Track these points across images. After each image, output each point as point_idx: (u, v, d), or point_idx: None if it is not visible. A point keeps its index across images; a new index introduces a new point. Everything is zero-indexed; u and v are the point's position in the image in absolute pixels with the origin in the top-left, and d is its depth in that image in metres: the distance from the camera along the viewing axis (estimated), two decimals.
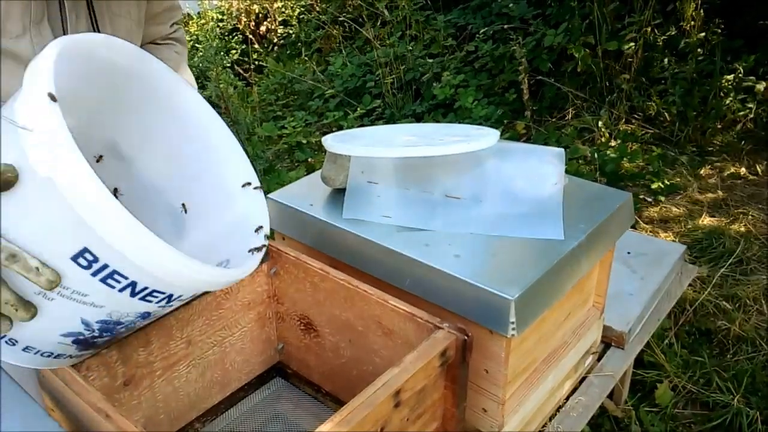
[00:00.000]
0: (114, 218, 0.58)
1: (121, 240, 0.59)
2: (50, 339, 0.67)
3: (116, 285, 0.63)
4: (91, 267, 0.61)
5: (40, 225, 0.60)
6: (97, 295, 0.64)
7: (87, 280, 0.62)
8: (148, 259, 0.61)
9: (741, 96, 2.87)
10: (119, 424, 0.68)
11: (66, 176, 0.57)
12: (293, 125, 3.07)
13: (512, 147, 1.14)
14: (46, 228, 0.60)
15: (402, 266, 0.95)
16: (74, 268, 0.61)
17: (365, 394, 0.72)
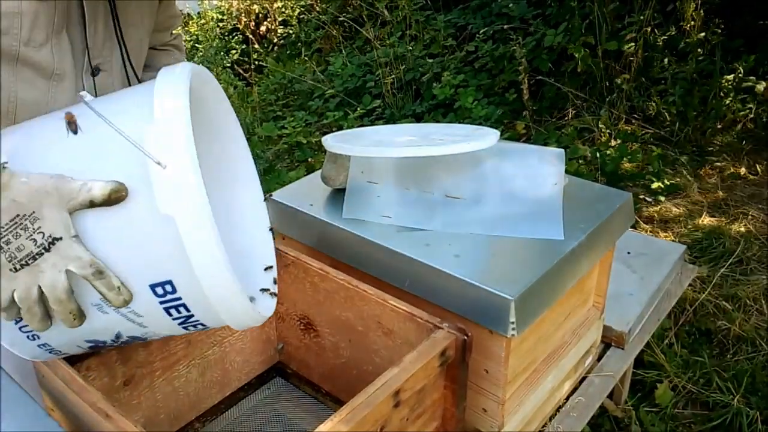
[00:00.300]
0: (217, 265, 0.60)
1: (212, 284, 0.62)
2: (73, 342, 0.68)
3: (175, 315, 0.65)
4: (165, 297, 0.63)
5: (135, 249, 0.62)
6: (150, 318, 0.66)
7: (152, 306, 0.64)
8: (225, 304, 0.64)
9: (741, 96, 2.87)
10: (119, 423, 0.68)
11: (189, 221, 0.59)
12: (293, 125, 3.08)
13: (512, 147, 1.14)
14: (139, 253, 0.62)
15: (402, 266, 0.95)
16: (148, 294, 0.63)
17: (365, 393, 0.72)
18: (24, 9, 0.73)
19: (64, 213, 0.59)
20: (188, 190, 0.59)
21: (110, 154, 0.62)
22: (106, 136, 0.62)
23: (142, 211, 0.60)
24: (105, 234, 0.61)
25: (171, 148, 0.59)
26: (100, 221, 0.60)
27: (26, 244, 0.58)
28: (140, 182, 0.60)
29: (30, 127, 0.67)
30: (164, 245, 0.61)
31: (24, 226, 0.58)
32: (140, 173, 0.59)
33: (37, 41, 0.76)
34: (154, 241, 0.61)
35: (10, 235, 0.58)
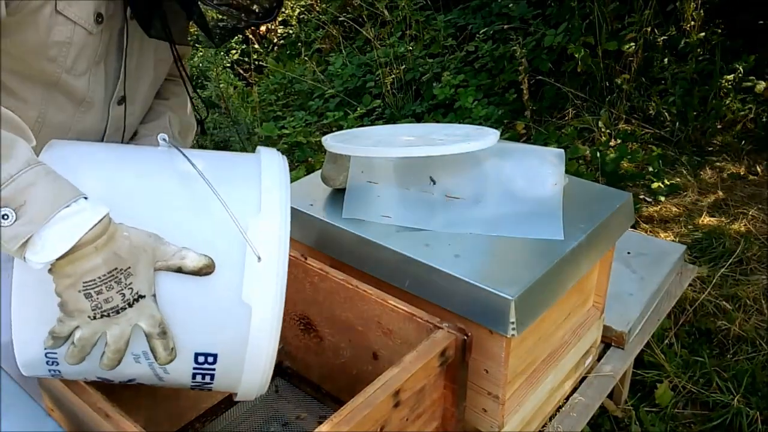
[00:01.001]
0: (267, 357, 0.66)
1: (254, 369, 0.67)
2: (85, 374, 0.69)
3: (198, 380, 0.69)
4: (202, 365, 0.67)
5: (200, 318, 0.65)
6: (173, 375, 0.69)
7: (185, 368, 0.67)
8: (250, 384, 0.69)
9: (741, 96, 2.87)
10: (119, 423, 0.68)
11: (263, 314, 0.64)
12: (293, 125, 3.08)
13: (512, 147, 1.14)
14: (202, 323, 0.65)
15: (402, 266, 0.95)
16: (189, 358, 0.66)
17: (365, 393, 0.72)
18: (75, 40, 0.75)
19: (152, 271, 0.62)
20: (273, 287, 0.65)
21: (209, 222, 0.66)
22: (207, 200, 0.66)
23: (221, 289, 0.65)
24: (178, 297, 0.64)
25: (269, 245, 0.65)
26: (177, 284, 0.63)
27: (115, 297, 0.60)
28: (230, 261, 0.64)
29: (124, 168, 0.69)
30: (229, 324, 0.65)
31: (118, 279, 0.60)
32: (234, 254, 0.64)
33: (78, 70, 0.78)
34: (221, 317, 0.65)
35: (103, 286, 0.59)
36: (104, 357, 0.62)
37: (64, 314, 0.60)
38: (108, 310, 0.60)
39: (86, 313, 0.60)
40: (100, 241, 0.59)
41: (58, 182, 0.59)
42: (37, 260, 0.56)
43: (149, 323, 0.62)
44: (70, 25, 0.74)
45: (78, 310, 0.59)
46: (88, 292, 0.59)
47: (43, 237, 0.56)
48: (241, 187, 0.69)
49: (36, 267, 0.57)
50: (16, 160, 0.57)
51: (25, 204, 0.56)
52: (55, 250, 0.56)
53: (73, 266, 0.58)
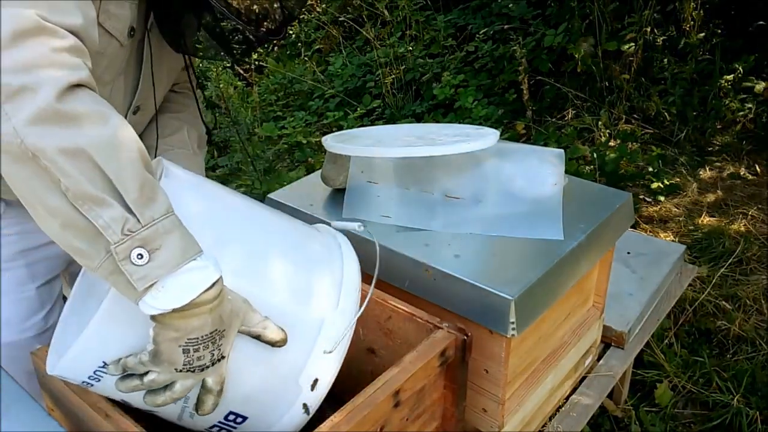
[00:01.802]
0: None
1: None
2: (114, 396, 0.70)
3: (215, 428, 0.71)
4: (228, 422, 0.69)
5: (250, 384, 0.68)
6: (198, 422, 0.70)
7: (210, 420, 0.69)
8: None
9: (741, 96, 2.87)
10: (119, 423, 0.68)
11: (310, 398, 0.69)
12: (293, 125, 3.08)
13: (512, 147, 1.14)
14: (250, 388, 0.68)
15: (402, 266, 0.95)
16: (219, 414, 0.68)
17: (365, 393, 0.72)
18: (108, 51, 0.76)
19: (235, 334, 0.63)
20: (327, 381, 0.70)
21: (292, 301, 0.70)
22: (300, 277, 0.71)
23: (280, 365, 0.68)
24: (243, 358, 0.66)
25: (338, 341, 0.70)
26: (248, 346, 0.65)
27: (206, 356, 0.61)
28: (302, 342, 0.68)
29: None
30: (275, 396, 0.68)
31: (214, 340, 0.61)
32: (308, 337, 0.69)
33: (104, 80, 0.79)
34: (271, 388, 0.68)
35: (201, 345, 0.60)
36: (158, 398, 0.62)
37: (150, 361, 0.60)
38: (196, 367, 0.61)
39: (175, 366, 0.60)
40: (215, 304, 0.59)
41: (188, 236, 0.59)
42: (156, 305, 0.56)
43: (216, 381, 0.63)
44: (107, 37, 0.75)
45: (169, 362, 0.60)
46: (187, 348, 0.59)
47: (167, 285, 0.56)
48: (326, 279, 0.73)
49: (148, 311, 0.57)
50: (160, 205, 0.57)
51: (160, 249, 0.56)
52: (177, 300, 0.56)
53: (185, 322, 0.58)
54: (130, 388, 0.62)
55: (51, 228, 0.57)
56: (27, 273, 0.93)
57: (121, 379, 0.62)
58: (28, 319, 0.94)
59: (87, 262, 0.57)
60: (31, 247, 0.92)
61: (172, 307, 0.56)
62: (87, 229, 0.55)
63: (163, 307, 0.56)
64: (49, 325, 0.97)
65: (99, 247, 0.55)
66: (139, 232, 0.55)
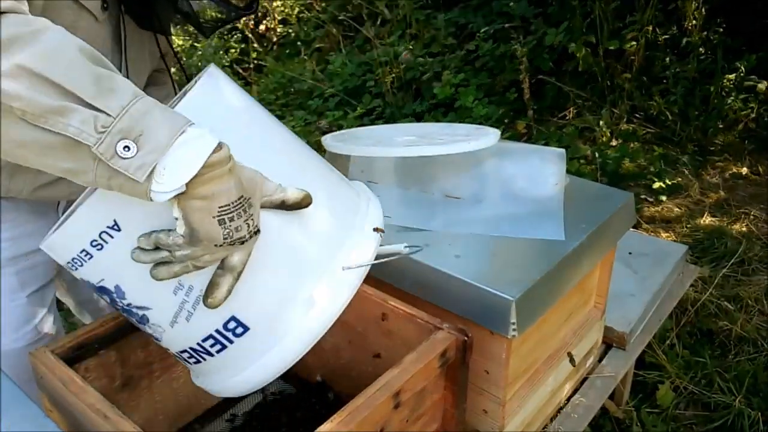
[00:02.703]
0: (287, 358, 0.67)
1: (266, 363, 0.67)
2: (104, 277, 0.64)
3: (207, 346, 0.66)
4: (225, 332, 0.65)
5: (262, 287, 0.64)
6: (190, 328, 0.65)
7: (210, 326, 0.64)
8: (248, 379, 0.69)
9: (743, 95, 2.86)
10: (117, 425, 0.67)
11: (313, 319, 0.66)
12: (293, 125, 3.07)
13: (513, 147, 1.13)
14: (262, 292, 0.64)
15: (402, 266, 0.94)
16: (220, 318, 0.64)
17: (365, 394, 0.71)
18: (80, 25, 0.75)
19: (259, 207, 0.59)
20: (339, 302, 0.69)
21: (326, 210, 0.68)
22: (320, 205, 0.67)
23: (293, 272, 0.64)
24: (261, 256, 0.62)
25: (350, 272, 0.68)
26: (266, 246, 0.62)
27: (242, 227, 0.57)
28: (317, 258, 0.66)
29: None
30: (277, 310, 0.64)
31: (245, 208, 0.56)
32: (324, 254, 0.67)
33: None
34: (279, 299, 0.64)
35: (235, 213, 0.56)
36: (172, 267, 0.57)
37: (188, 243, 0.55)
38: (236, 240, 0.56)
39: (216, 242, 0.55)
40: (232, 164, 0.55)
41: (169, 111, 0.55)
42: (166, 188, 0.52)
43: (242, 259, 0.59)
44: (77, 9, 0.73)
45: (209, 239, 0.55)
46: (222, 218, 0.55)
47: (167, 165, 0.52)
48: (352, 206, 0.72)
49: (162, 198, 0.52)
50: (123, 92, 0.53)
51: (142, 134, 0.52)
52: (184, 174, 0.52)
53: (208, 186, 0.53)
54: (155, 259, 0.57)
55: (35, 161, 0.54)
56: (17, 281, 0.91)
57: (144, 252, 0.57)
58: (20, 328, 0.93)
59: (84, 179, 0.53)
60: (21, 254, 0.90)
61: (182, 182, 0.52)
62: (64, 144, 0.52)
63: (173, 187, 0.52)
64: (42, 334, 0.96)
65: (84, 157, 0.52)
66: (114, 124, 0.51)
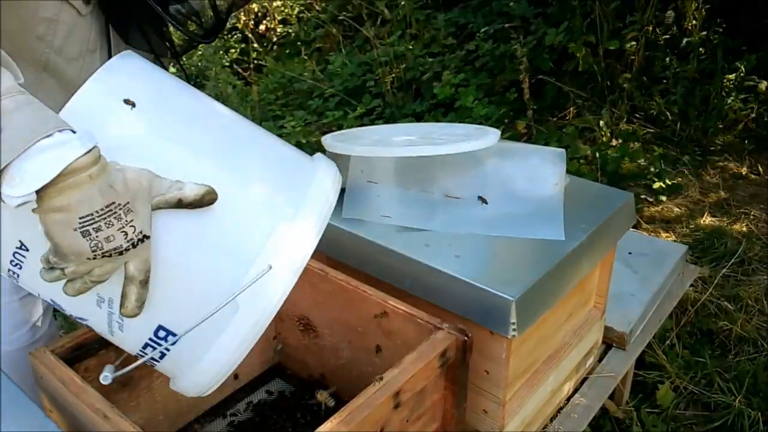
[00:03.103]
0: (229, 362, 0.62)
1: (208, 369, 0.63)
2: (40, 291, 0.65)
3: (148, 351, 0.64)
4: (158, 340, 0.63)
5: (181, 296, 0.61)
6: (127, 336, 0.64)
7: (141, 334, 0.63)
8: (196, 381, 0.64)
9: (743, 95, 2.86)
10: (117, 424, 0.67)
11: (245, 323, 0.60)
12: (293, 125, 3.07)
13: (513, 147, 1.13)
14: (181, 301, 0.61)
15: (402, 266, 0.94)
16: (149, 328, 0.62)
17: (365, 394, 0.71)
18: (62, 18, 0.75)
19: (149, 208, 0.56)
20: (270, 301, 0.60)
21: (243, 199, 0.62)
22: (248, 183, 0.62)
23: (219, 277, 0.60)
24: (171, 263, 0.59)
25: (286, 258, 0.60)
26: (177, 252, 0.59)
27: (117, 235, 0.53)
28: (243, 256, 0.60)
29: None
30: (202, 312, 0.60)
31: (117, 215, 0.53)
32: (250, 249, 0.60)
33: (69, 54, 0.78)
34: (204, 304, 0.60)
35: (102, 222, 0.52)
36: (76, 284, 0.56)
37: (56, 258, 0.54)
38: (110, 250, 0.53)
39: (84, 255, 0.53)
40: (94, 170, 0.52)
41: (42, 113, 0.53)
42: (16, 193, 0.49)
43: (139, 267, 0.56)
44: (58, 2, 0.73)
45: (75, 254, 0.53)
46: (85, 229, 0.52)
47: (22, 169, 0.49)
48: (288, 186, 0.65)
49: (13, 203, 0.50)
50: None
51: (1, 131, 0.49)
52: (35, 181, 0.49)
53: (65, 196, 0.51)
54: (52, 278, 0.56)
55: None
56: (10, 283, 0.91)
57: (45, 270, 0.56)
58: (14, 331, 0.93)
59: None
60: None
61: (31, 188, 0.50)
62: None
63: (23, 192, 0.50)
64: (37, 337, 0.96)
65: None
66: None
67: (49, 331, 0.99)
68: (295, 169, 0.68)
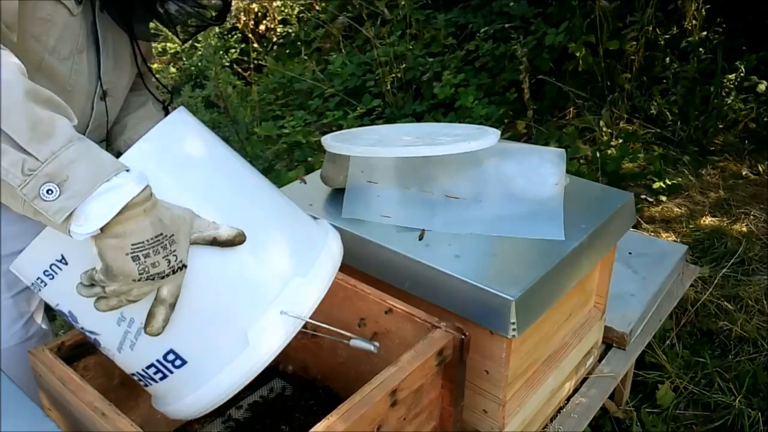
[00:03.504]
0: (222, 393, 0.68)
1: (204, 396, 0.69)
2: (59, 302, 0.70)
3: (151, 373, 0.70)
4: (165, 363, 0.68)
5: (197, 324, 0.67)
6: (135, 355, 0.69)
7: (150, 356, 0.68)
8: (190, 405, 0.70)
9: (743, 95, 2.86)
10: (116, 423, 0.67)
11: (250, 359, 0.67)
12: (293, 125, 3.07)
13: (513, 147, 1.13)
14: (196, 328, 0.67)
15: (402, 266, 0.94)
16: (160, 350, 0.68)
17: (362, 392, 0.71)
18: (55, 18, 0.76)
19: (188, 242, 0.64)
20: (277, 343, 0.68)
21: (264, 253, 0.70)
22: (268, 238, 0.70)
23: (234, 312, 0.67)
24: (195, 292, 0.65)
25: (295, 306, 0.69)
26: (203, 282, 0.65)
27: (161, 262, 0.61)
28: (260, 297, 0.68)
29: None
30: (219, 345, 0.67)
31: (164, 245, 0.61)
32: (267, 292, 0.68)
33: (61, 53, 0.79)
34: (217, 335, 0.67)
35: (151, 249, 0.60)
36: (111, 301, 0.62)
37: (105, 277, 0.60)
38: (155, 275, 0.60)
39: (132, 277, 0.60)
40: (148, 205, 0.59)
41: (100, 158, 0.59)
42: (82, 231, 0.57)
43: (172, 291, 0.63)
44: (52, 2, 0.75)
45: (123, 275, 0.60)
46: (136, 254, 0.59)
47: (86, 210, 0.57)
48: (303, 249, 0.74)
49: (79, 239, 0.57)
50: (58, 138, 0.57)
51: (67, 179, 0.56)
52: (98, 220, 0.57)
53: (122, 226, 0.58)
54: (90, 294, 0.62)
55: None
56: (2, 281, 0.92)
57: (84, 286, 0.63)
58: (7, 329, 0.94)
59: (18, 210, 0.58)
60: (5, 255, 0.91)
61: (95, 227, 0.57)
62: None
63: (88, 231, 0.57)
64: (30, 333, 0.96)
65: (14, 194, 0.57)
66: (41, 168, 0.56)
67: (42, 329, 1.00)
68: (310, 234, 0.77)
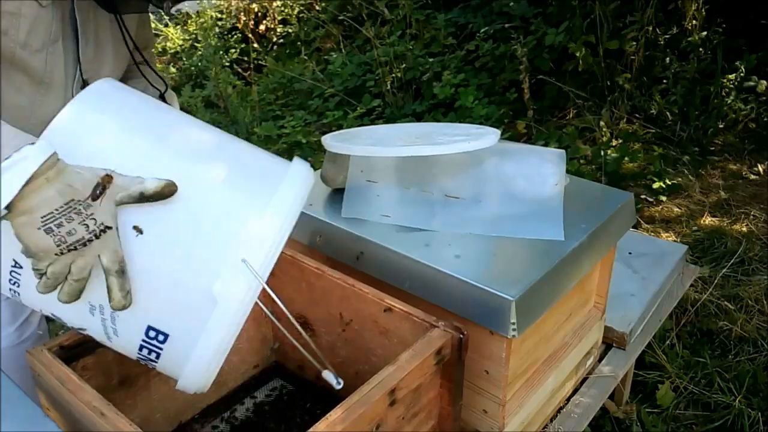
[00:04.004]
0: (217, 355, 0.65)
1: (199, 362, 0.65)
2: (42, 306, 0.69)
3: (145, 353, 0.68)
4: (151, 341, 0.66)
5: (163, 296, 0.64)
6: (123, 340, 0.68)
7: (136, 337, 0.66)
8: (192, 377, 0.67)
9: (743, 95, 2.86)
10: (115, 422, 0.67)
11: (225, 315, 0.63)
12: (293, 125, 3.07)
13: (513, 147, 1.13)
14: (163, 300, 0.64)
15: (402, 266, 0.94)
16: (140, 330, 0.65)
17: (360, 392, 0.71)
18: (24, 11, 0.75)
19: (113, 204, 0.60)
20: (245, 293, 0.63)
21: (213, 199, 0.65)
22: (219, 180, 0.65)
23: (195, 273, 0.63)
24: (150, 266, 0.63)
25: (259, 248, 0.63)
26: (153, 252, 0.62)
27: (78, 228, 0.58)
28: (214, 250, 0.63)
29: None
30: (190, 310, 0.64)
31: (77, 210, 0.58)
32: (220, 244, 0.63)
33: (33, 46, 0.78)
34: (185, 301, 0.64)
35: (63, 218, 0.57)
36: (64, 287, 0.60)
37: (30, 259, 0.59)
38: (74, 243, 0.58)
39: (52, 251, 0.58)
40: (51, 173, 0.57)
41: (3, 138, 0.57)
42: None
43: (110, 258, 0.60)
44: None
45: (42, 250, 0.58)
46: (48, 227, 0.57)
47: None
48: (259, 184, 0.68)
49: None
50: None
51: None
52: (2, 200, 0.55)
53: (27, 201, 0.57)
54: (46, 287, 0.61)
55: None
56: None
57: (39, 284, 0.61)
58: (2, 330, 0.94)
59: None
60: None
61: (1, 208, 0.56)
62: None
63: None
64: (25, 336, 0.96)
65: None
66: None
67: (38, 330, 1.00)
68: (266, 169, 0.72)
